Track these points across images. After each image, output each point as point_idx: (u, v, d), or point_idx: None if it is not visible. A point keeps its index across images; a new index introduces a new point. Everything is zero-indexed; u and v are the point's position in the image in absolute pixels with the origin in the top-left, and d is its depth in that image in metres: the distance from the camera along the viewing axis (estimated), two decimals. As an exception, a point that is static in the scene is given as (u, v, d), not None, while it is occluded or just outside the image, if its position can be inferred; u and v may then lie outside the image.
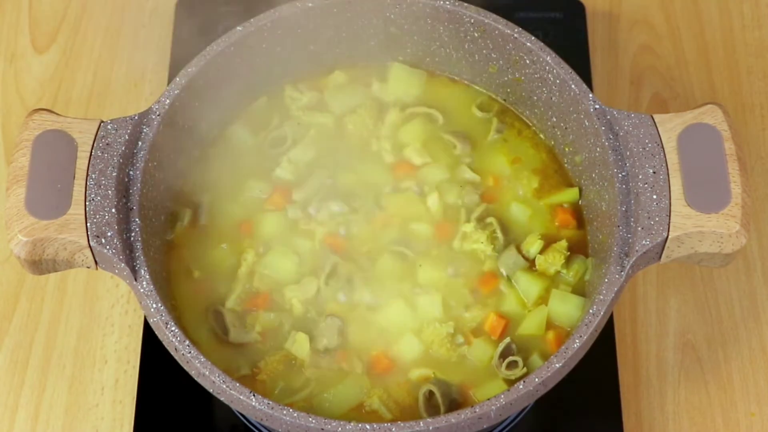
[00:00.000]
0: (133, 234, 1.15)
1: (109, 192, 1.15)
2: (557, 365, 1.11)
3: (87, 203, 1.14)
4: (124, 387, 1.34)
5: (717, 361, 1.36)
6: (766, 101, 1.54)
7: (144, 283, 1.13)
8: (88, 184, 1.15)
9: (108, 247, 1.13)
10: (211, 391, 1.12)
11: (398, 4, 1.29)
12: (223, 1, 1.51)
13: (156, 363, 1.31)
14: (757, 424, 1.33)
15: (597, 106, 1.22)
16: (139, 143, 1.19)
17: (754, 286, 1.41)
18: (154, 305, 1.13)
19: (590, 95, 1.23)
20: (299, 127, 1.32)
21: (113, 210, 1.14)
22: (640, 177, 1.16)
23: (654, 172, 1.16)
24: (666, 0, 1.62)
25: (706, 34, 1.59)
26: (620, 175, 1.18)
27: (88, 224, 1.13)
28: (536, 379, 1.10)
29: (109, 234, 1.13)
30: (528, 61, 1.28)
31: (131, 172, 1.18)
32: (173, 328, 1.12)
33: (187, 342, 1.12)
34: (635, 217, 1.15)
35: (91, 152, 1.17)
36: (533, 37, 1.27)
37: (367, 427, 1.07)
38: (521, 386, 1.10)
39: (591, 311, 1.13)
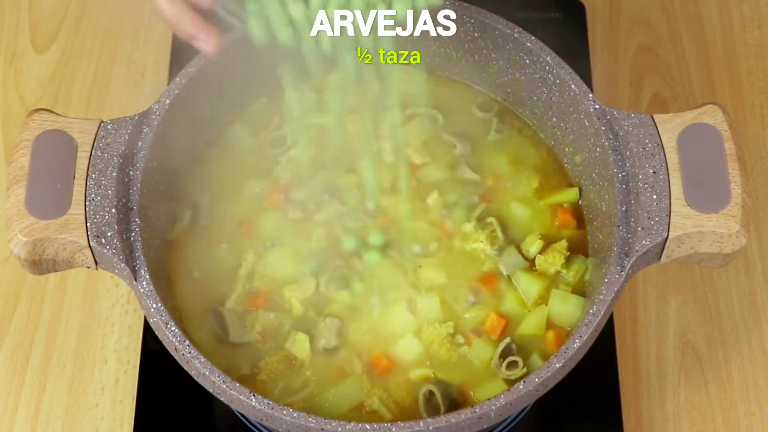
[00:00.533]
0: (133, 234, 1.15)
1: (109, 192, 1.15)
2: (557, 365, 1.11)
3: (87, 203, 1.14)
4: (124, 387, 1.34)
5: (717, 361, 1.36)
6: (766, 101, 1.54)
7: (144, 283, 1.13)
8: (88, 184, 1.15)
9: (108, 247, 1.13)
10: (211, 391, 1.12)
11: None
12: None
13: (156, 363, 1.31)
14: (757, 424, 1.33)
15: (597, 106, 1.22)
16: (139, 143, 1.19)
17: (754, 286, 1.41)
18: (154, 305, 1.13)
19: (590, 95, 1.23)
20: (299, 127, 1.32)
21: (113, 210, 1.14)
22: (640, 177, 1.16)
23: (654, 172, 1.16)
24: (666, 0, 1.62)
25: (706, 34, 1.59)
26: (620, 175, 1.18)
27: (88, 224, 1.13)
28: (536, 379, 1.10)
29: (109, 234, 1.13)
30: (528, 61, 1.28)
31: (131, 172, 1.18)
32: (173, 328, 1.12)
33: (187, 342, 1.12)
34: (635, 217, 1.15)
35: (91, 152, 1.17)
36: (533, 37, 1.27)
37: (367, 427, 1.07)
38: (521, 386, 1.10)
39: (591, 311, 1.13)
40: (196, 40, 1.14)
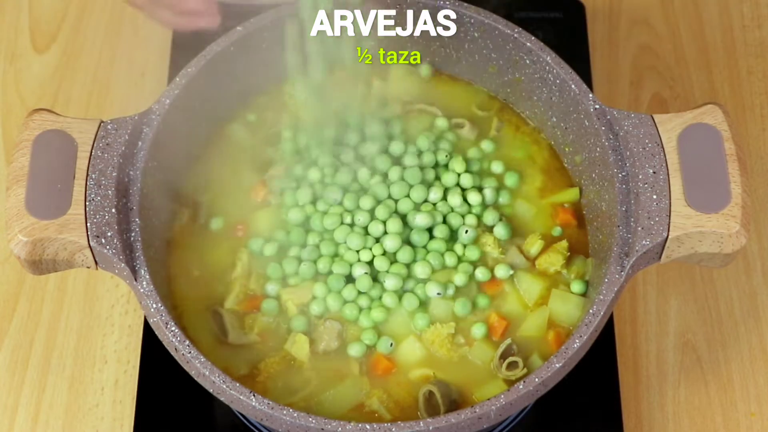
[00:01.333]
0: (133, 234, 1.15)
1: (109, 192, 1.15)
2: (557, 365, 1.11)
3: (87, 203, 1.14)
4: (124, 387, 1.34)
5: (717, 361, 1.36)
6: (766, 101, 1.54)
7: (144, 283, 1.13)
8: (88, 184, 1.15)
9: (108, 247, 1.13)
10: (211, 391, 1.12)
11: (398, 4, 1.29)
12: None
13: (156, 363, 1.31)
14: (757, 424, 1.33)
15: (597, 106, 1.22)
16: (139, 143, 1.19)
17: (754, 286, 1.41)
18: (154, 305, 1.13)
19: (590, 95, 1.23)
20: (299, 127, 1.32)
21: (113, 210, 1.14)
22: (640, 177, 1.16)
23: (654, 172, 1.16)
24: (666, 0, 1.62)
25: (706, 34, 1.59)
26: (620, 175, 1.18)
27: (88, 224, 1.13)
28: (536, 379, 1.10)
29: (109, 234, 1.13)
30: (528, 61, 1.28)
31: (131, 172, 1.18)
32: (173, 328, 1.12)
33: (187, 342, 1.12)
34: (635, 217, 1.15)
35: (91, 152, 1.17)
36: (533, 37, 1.27)
37: (367, 427, 1.07)
38: (521, 386, 1.10)
39: (591, 311, 1.13)
40: (199, 17, 1.13)
